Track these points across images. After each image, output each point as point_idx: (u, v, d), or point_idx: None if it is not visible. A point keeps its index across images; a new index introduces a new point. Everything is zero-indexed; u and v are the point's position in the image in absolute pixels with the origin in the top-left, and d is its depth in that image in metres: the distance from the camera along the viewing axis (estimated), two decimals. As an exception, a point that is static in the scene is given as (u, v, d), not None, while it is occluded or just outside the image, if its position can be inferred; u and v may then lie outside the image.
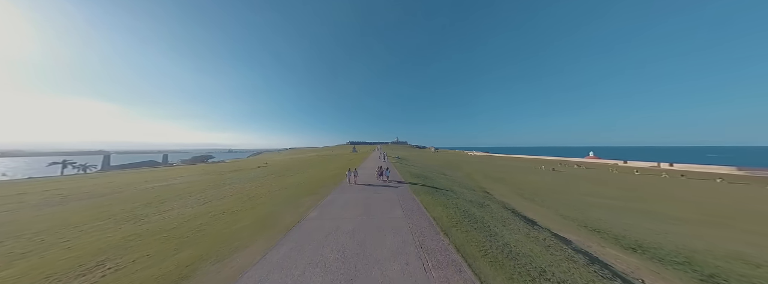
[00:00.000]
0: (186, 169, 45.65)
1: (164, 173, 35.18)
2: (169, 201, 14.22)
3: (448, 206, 10.99)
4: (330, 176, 21.41)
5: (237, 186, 19.59)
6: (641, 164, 58.47)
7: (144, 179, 26.14)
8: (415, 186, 16.20)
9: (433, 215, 9.45)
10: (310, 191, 14.54)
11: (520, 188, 25.00)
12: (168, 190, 18.51)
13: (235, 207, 11.82)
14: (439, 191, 15.29)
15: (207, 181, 23.63)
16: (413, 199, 12.21)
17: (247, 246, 6.76)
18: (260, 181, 22.44)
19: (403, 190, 14.78)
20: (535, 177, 34.50)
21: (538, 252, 6.92)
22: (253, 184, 20.53)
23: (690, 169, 47.59)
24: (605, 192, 23.13)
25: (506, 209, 13.49)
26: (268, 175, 27.84)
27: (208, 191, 17.73)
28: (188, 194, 16.55)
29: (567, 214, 14.61)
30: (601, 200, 19.26)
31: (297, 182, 19.97)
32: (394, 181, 18.11)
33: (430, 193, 14.03)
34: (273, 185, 18.76)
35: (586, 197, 20.77)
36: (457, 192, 16.22)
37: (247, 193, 15.84)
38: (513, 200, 18.49)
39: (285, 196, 13.76)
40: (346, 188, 15.36)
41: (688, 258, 8.60)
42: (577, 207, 16.53)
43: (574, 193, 22.62)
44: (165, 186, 20.53)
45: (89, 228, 9.31)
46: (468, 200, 13.86)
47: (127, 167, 70.37)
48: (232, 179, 25.26)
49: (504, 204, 15.60)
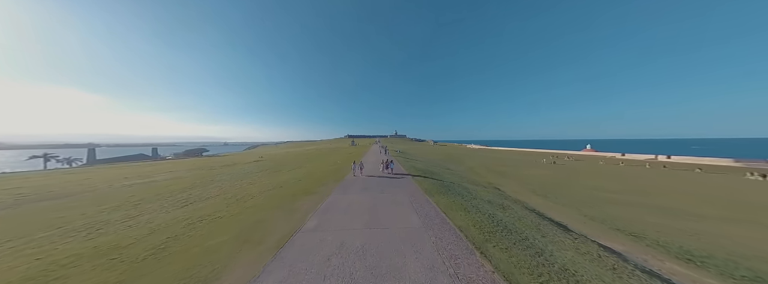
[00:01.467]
0: (175, 163, 43.51)
1: (150, 168, 33.09)
2: (144, 203, 12.36)
3: (469, 210, 9.34)
4: (330, 172, 19.65)
5: (226, 184, 17.75)
6: (639, 156, 57.84)
7: (125, 175, 24.12)
8: (424, 183, 14.53)
9: (456, 223, 7.76)
10: (307, 191, 12.77)
11: (528, 182, 23.69)
12: (147, 189, 16.60)
13: (218, 212, 10.02)
14: (451, 189, 13.66)
15: (194, 178, 21.71)
16: (427, 201, 10.53)
17: (219, 278, 4.94)
18: (253, 178, 20.60)
19: (413, 188, 13.11)
20: (538, 171, 33.47)
21: (610, 280, 5.30)
22: (245, 181, 18.69)
23: (686, 161, 47.14)
24: (609, 186, 22.38)
25: (530, 211, 11.91)
26: (263, 171, 25.98)
27: (192, 189, 15.88)
28: (169, 193, 14.70)
29: (590, 213, 13.14)
30: (610, 195, 18.35)
31: (293, 179, 18.19)
32: (398, 173, 18.28)
33: (443, 192, 12.38)
34: (266, 183, 16.96)
35: (594, 191, 19.68)
36: (471, 190, 14.61)
37: (236, 193, 14.03)
38: (527, 197, 17.00)
39: (279, 197, 11.99)
40: (349, 186, 13.64)
41: (752, 270, 7.36)
42: (593, 204, 15.22)
43: (580, 187, 21.71)
44: (145, 184, 18.59)
45: (20, 244, 7.36)
46: (486, 200, 12.23)
47: (115, 161, 67.80)
48: (222, 175, 23.36)
49: (523, 204, 14.05)
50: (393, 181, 15.31)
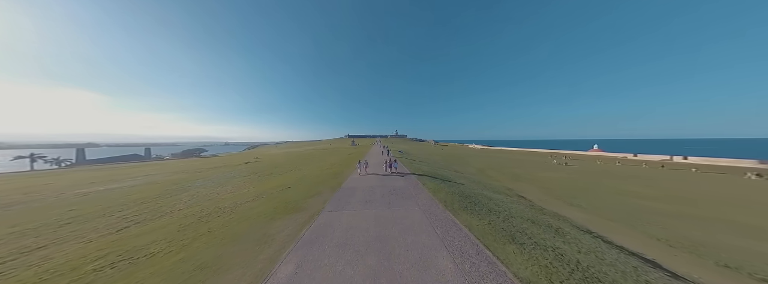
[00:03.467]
0: (164, 165, 40.74)
1: (131, 171, 30.24)
2: (76, 223, 9.48)
3: (521, 242, 6.41)
4: (326, 178, 16.77)
5: (201, 192, 14.88)
6: (653, 157, 54.96)
7: (93, 180, 21.27)
8: (438, 192, 11.60)
9: (518, 273, 4.91)
10: (294, 206, 9.88)
11: (549, 187, 20.87)
12: (102, 199, 13.71)
13: (155, 242, 7.09)
14: (473, 200, 10.73)
15: (170, 183, 18.87)
16: (452, 222, 7.65)
17: None
18: (236, 183, 17.73)
19: (426, 199, 10.22)
20: (554, 173, 30.66)
21: None
22: (224, 189, 15.82)
23: (704, 162, 44.30)
24: (641, 191, 19.76)
25: (592, 236, 8.96)
26: (251, 174, 23.14)
27: (156, 200, 13.02)
28: (123, 206, 11.83)
29: (658, 234, 10.13)
30: (648, 203, 15.77)
31: (282, 186, 15.33)
32: (402, 172, 18.66)
33: (468, 207, 9.47)
34: (248, 192, 14.10)
35: (629, 198, 17.05)
36: (497, 201, 11.70)
37: (205, 207, 11.15)
38: (561, 207, 14.09)
39: (254, 215, 9.11)
40: (348, 198, 10.76)
41: None
42: (643, 218, 12.44)
43: (610, 193, 19.08)
44: (106, 192, 15.73)
45: None
46: (527, 219, 9.28)
47: (105, 161, 65.00)
48: (203, 180, 20.49)
49: (566, 220, 11.13)
50: (401, 187, 12.40)
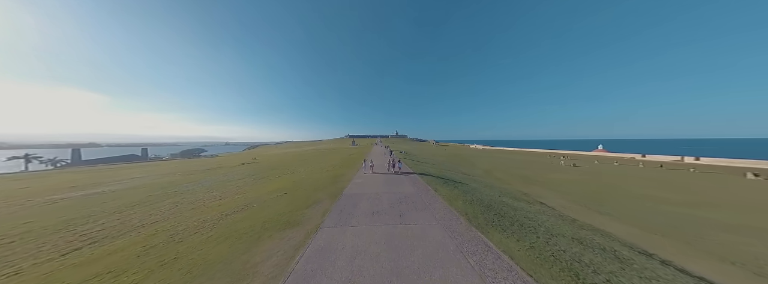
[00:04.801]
0: (157, 166, 39.18)
1: (119, 173, 28.65)
2: (26, 238, 7.83)
3: (576, 270, 4.85)
4: (327, 181, 15.12)
5: (185, 199, 13.26)
6: (663, 157, 53.48)
7: (75, 183, 19.66)
8: (455, 200, 9.88)
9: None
10: (288, 218, 8.20)
11: (567, 191, 19.33)
12: (72, 207, 12.03)
13: (97, 280, 5.55)
14: (497, 211, 9.04)
15: (155, 187, 17.25)
16: (486, 246, 5.97)
17: None
18: (227, 188, 16.12)
19: (444, 211, 8.51)
20: (563, 175, 29.14)
21: None
22: (213, 195, 14.20)
23: (718, 163, 42.66)
24: (664, 195, 18.15)
25: (654, 260, 7.24)
26: (245, 177, 21.52)
27: (132, 209, 11.38)
28: (91, 216, 10.20)
29: (724, 254, 8.30)
30: (684, 210, 14.13)
31: (277, 191, 13.70)
32: (406, 172, 18.73)
33: (495, 222, 7.75)
34: (239, 199, 12.49)
35: (655, 204, 15.66)
36: (523, 212, 10.01)
37: (182, 219, 9.49)
38: (589, 216, 12.40)
39: (238, 232, 7.48)
40: (351, 208, 9.05)
41: None
42: (687, 229, 10.76)
43: (631, 198, 17.49)
44: (80, 199, 14.07)
45: None
46: (574, 239, 7.57)
47: (101, 162, 63.50)
48: (193, 183, 18.88)
49: (615, 239, 9.28)
50: (411, 194, 10.65)
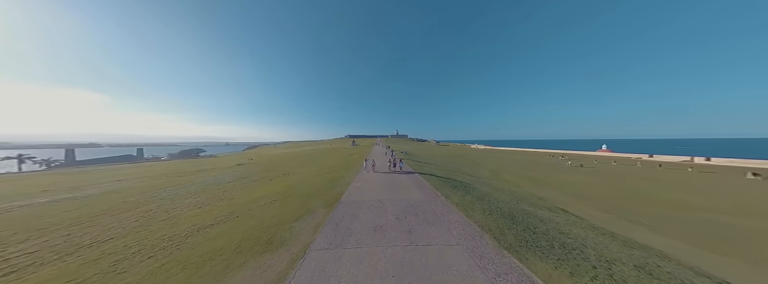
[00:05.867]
0: (148, 167, 38.04)
1: (105, 174, 27.43)
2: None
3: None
4: (323, 185, 13.75)
5: (161, 207, 11.92)
6: (671, 158, 52.00)
7: (49, 187, 18.31)
8: (470, 209, 8.31)
9: None
10: (272, 235, 6.70)
11: (580, 195, 17.92)
12: (25, 217, 10.43)
13: None
14: (521, 222, 7.68)
15: (134, 192, 15.96)
16: (519, 271, 4.60)
17: None
18: (212, 193, 14.80)
19: (462, 225, 6.91)
20: (572, 177, 27.72)
21: None
22: (194, 201, 12.85)
23: (732, 164, 40.92)
24: (685, 198, 16.78)
25: None
26: (237, 180, 20.28)
27: (94, 220, 9.97)
28: (39, 230, 8.67)
29: None
30: (716, 217, 12.62)
31: (267, 197, 12.37)
32: (407, 171, 18.74)
33: (526, 238, 6.15)
34: (221, 207, 11.20)
35: (687, 211, 13.95)
36: (552, 223, 8.58)
37: (149, 233, 8.06)
38: (623, 227, 10.59)
39: (207, 255, 6.00)
40: (350, 221, 7.55)
41: None
42: (747, 246, 9.22)
43: (656, 203, 15.94)
44: (43, 206, 12.63)
45: None
46: (633, 265, 5.99)
47: (95, 162, 62.50)
48: (179, 187, 17.57)
49: (675, 262, 7.59)
50: (419, 202, 8.98)
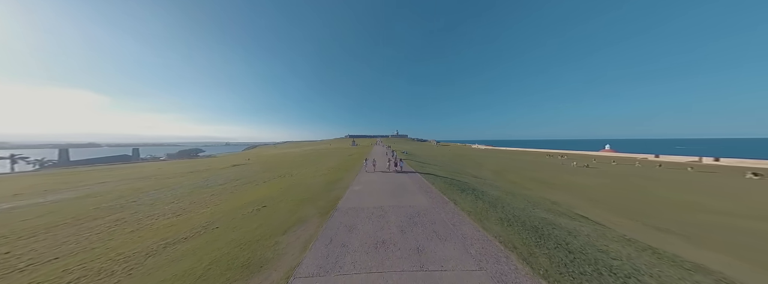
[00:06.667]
0: (139, 168, 37.09)
1: (92, 175, 26.41)
2: None
3: None
4: (319, 189, 12.49)
5: (136, 215, 10.71)
6: (679, 158, 50.98)
7: (24, 190, 17.18)
8: (486, 218, 7.31)
9: None
10: (251, 254, 5.31)
11: (593, 198, 16.69)
12: None
13: None
14: (549, 236, 6.42)
15: (112, 197, 14.76)
16: None
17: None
18: (197, 198, 13.48)
19: (475, 235, 5.71)
20: (580, 178, 26.54)
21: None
22: (176, 207, 11.51)
23: (742, 164, 39.69)
24: (702, 201, 15.78)
25: None
26: (228, 182, 19.18)
27: (54, 230, 8.83)
28: None
29: None
30: (745, 224, 11.44)
31: (255, 203, 11.09)
32: (407, 171, 18.54)
33: (562, 261, 4.78)
34: (203, 215, 10.06)
35: (706, 215, 12.58)
36: (581, 236, 7.31)
37: (106, 250, 6.69)
38: (652, 237, 9.11)
39: (171, 281, 4.81)
40: (345, 238, 6.11)
41: None
42: None
43: (672, 206, 14.84)
44: (7, 213, 11.76)
45: None
46: None
47: (88, 162, 61.57)
48: (163, 190, 16.34)
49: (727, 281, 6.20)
50: (426, 209, 7.60)
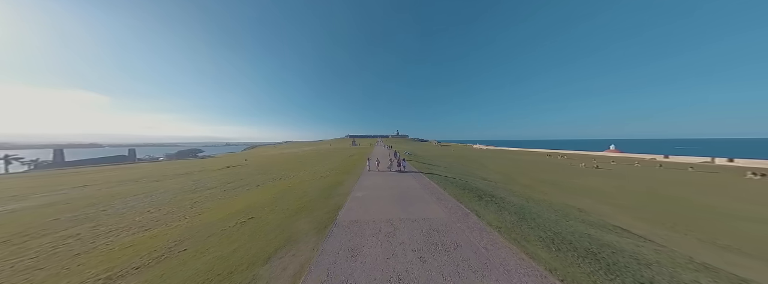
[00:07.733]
0: (130, 170, 35.74)
1: (73, 178, 24.90)
2: None
3: None
4: (318, 195, 10.81)
5: (97, 228, 9.04)
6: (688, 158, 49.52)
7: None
8: (524, 238, 5.89)
9: None
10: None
11: (618, 204, 15.16)
12: None
13: None
14: (613, 265, 5.02)
15: (82, 204, 13.10)
16: None
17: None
18: (181, 204, 11.94)
19: (513, 262, 4.04)
20: (595, 180, 25.01)
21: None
22: (148, 218, 10.10)
23: (755, 165, 38.16)
24: (728, 206, 14.71)
25: None
26: (218, 186, 17.75)
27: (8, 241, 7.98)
28: None
29: None
30: None
31: (245, 210, 9.63)
32: (409, 171, 18.52)
33: None
34: (176, 229, 8.50)
35: (749, 224, 11.44)
36: (656, 266, 5.93)
37: (30, 282, 5.90)
38: (731, 262, 7.76)
39: None
40: (347, 267, 4.66)
41: None
42: None
43: (706, 212, 13.51)
44: None
45: None
46: None
47: (83, 163, 60.27)
48: (142, 196, 14.82)
49: None
50: (444, 222, 6.09)
